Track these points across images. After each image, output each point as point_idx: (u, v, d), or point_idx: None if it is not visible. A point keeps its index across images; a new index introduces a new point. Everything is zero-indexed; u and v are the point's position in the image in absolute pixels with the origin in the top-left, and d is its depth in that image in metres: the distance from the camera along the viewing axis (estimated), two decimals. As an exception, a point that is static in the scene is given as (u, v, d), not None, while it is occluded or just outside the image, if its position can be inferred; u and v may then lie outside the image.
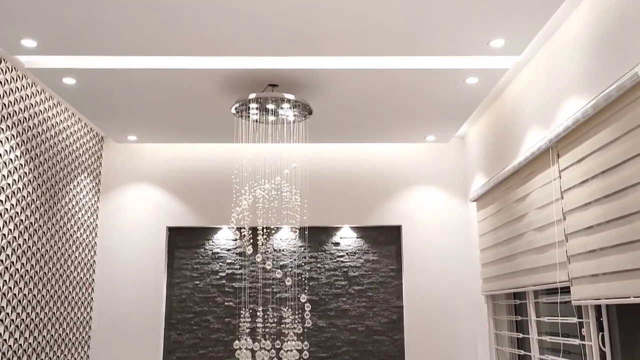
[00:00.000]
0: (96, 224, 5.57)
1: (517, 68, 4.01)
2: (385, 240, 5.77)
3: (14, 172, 4.04)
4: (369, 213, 5.71)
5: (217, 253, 5.72)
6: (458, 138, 5.79)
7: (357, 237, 5.76)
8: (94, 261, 5.52)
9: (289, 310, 4.33)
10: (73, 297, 5.03)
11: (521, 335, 4.36)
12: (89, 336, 5.40)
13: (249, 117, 4.27)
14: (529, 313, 4.07)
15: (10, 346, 4.00)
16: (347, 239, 5.76)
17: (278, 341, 4.26)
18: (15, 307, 4.07)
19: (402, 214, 5.71)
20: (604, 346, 3.08)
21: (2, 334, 3.89)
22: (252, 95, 3.99)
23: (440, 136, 5.49)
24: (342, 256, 5.73)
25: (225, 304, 5.62)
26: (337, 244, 5.75)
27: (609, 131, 2.79)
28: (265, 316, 4.72)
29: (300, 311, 4.35)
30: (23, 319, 4.18)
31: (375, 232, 5.78)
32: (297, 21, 3.29)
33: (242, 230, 4.29)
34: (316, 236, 5.72)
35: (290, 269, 5.60)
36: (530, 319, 4.04)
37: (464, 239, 5.60)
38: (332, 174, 5.75)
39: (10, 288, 4.00)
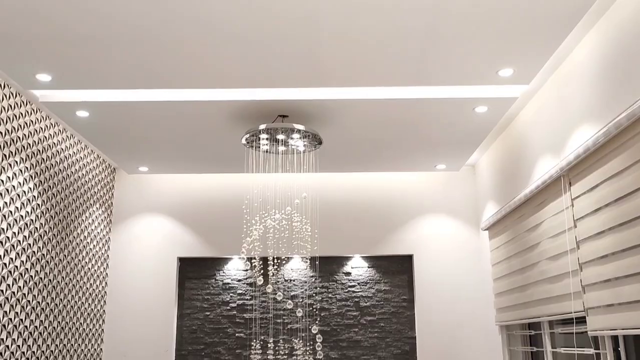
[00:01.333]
0: (107, 255, 5.58)
1: (527, 96, 4.02)
2: (396, 269, 5.72)
3: (27, 204, 4.08)
4: (380, 242, 5.68)
5: (228, 283, 5.70)
6: (469, 166, 5.78)
7: (368, 267, 5.72)
8: (105, 292, 5.52)
9: (300, 341, 4.28)
10: (84, 329, 5.02)
11: (537, 367, 4.27)
12: (99, 368, 5.36)
13: (259, 147, 4.30)
14: (544, 344, 3.99)
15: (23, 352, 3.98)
16: (358, 268, 5.72)
17: (289, 373, 4.20)
18: (27, 339, 4.06)
19: (414, 243, 5.67)
20: (623, 379, 3.01)
21: (16, 339, 3.88)
22: (262, 126, 4.02)
23: (450, 165, 5.48)
24: (353, 286, 5.68)
25: (236, 334, 5.58)
26: (349, 273, 5.71)
27: (620, 159, 2.77)
28: (277, 347, 4.67)
29: (311, 342, 4.29)
30: (34, 351, 4.16)
31: (387, 262, 5.74)
32: (306, 52, 3.33)
33: (252, 261, 4.27)
34: (327, 266, 5.68)
35: (301, 299, 5.55)
36: (545, 350, 3.96)
37: (477, 267, 5.54)
38: (343, 204, 5.74)
39: (21, 320, 4.00)
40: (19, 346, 3.96)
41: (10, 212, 3.87)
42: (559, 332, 3.87)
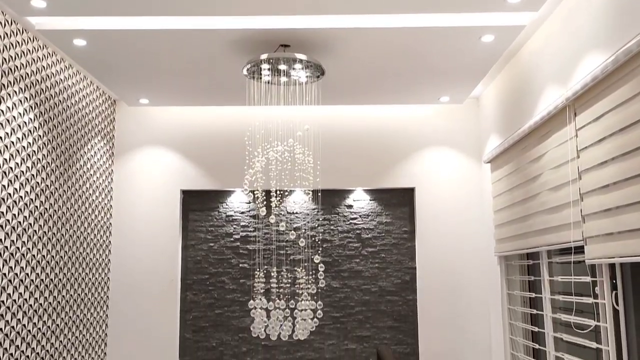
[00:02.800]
0: (111, 187, 5.62)
1: (534, 25, 3.91)
2: (398, 202, 5.77)
3: (28, 135, 4.07)
4: (383, 175, 5.70)
5: (231, 216, 5.77)
6: (472, 99, 5.71)
7: (370, 200, 5.77)
8: (110, 223, 5.59)
9: (303, 270, 4.37)
10: (91, 259, 5.12)
11: (534, 295, 4.37)
12: (108, 296, 5.51)
13: (260, 78, 4.23)
14: (542, 273, 4.07)
15: (30, 305, 4.09)
16: (360, 201, 5.76)
17: (292, 301, 4.31)
18: (35, 267, 4.15)
19: (416, 176, 5.69)
20: (617, 304, 3.09)
21: (23, 294, 3.98)
22: (263, 56, 3.94)
23: (454, 97, 5.42)
24: (355, 218, 5.75)
25: (240, 265, 5.69)
26: (350, 206, 5.76)
27: (628, 87, 2.73)
28: (280, 277, 4.78)
29: (314, 272, 4.39)
30: (42, 279, 4.27)
31: (389, 195, 5.78)
32: (309, -22, 3.22)
33: (255, 193, 4.30)
34: (329, 199, 5.73)
35: (303, 232, 5.63)
36: (543, 279, 4.04)
37: (478, 200, 5.59)
38: (345, 136, 5.72)
39: (29, 249, 4.07)
40: (27, 274, 4.05)
41: (12, 142, 3.86)
42: (556, 262, 3.94)
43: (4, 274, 3.76)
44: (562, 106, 3.42)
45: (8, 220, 3.81)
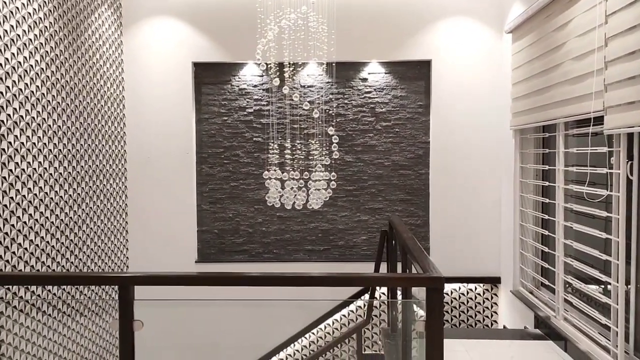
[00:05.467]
0: (121, 59, 5.52)
1: None
2: (414, 75, 5.64)
3: (33, 1, 3.92)
4: (398, 47, 5.52)
5: (244, 89, 5.70)
6: (497, -36, 5.37)
7: (385, 73, 5.64)
8: (123, 96, 5.57)
9: (317, 143, 4.39)
10: (106, 131, 5.16)
11: (547, 167, 4.39)
12: (125, 168, 5.62)
13: (272, -62, 3.97)
14: (557, 145, 4.05)
15: (51, 174, 4.19)
16: (375, 74, 5.64)
17: (306, 172, 4.37)
18: (52, 137, 4.20)
19: (433, 48, 5.51)
20: (631, 174, 3.09)
21: (42, 163, 4.07)
22: None
23: (478, -38, 5.09)
24: (369, 92, 5.66)
25: (254, 139, 5.72)
26: (365, 79, 5.65)
27: (670, -59, 2.52)
28: (294, 147, 4.81)
29: (327, 145, 4.40)
30: (60, 150, 4.33)
31: (404, 68, 5.63)
32: None
33: (268, 64, 4.20)
34: (343, 72, 5.61)
35: (317, 105, 5.58)
36: (558, 151, 4.03)
37: (496, 73, 5.44)
38: (360, 5, 5.47)
39: (44, 119, 4.09)
40: (45, 144, 4.10)
41: (17, 8, 3.74)
42: (573, 134, 3.90)
43: (22, 143, 3.81)
44: (594, -33, 3.20)
45: (21, 90, 3.79)
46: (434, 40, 5.50)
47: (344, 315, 5.70)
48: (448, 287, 5.55)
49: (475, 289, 5.58)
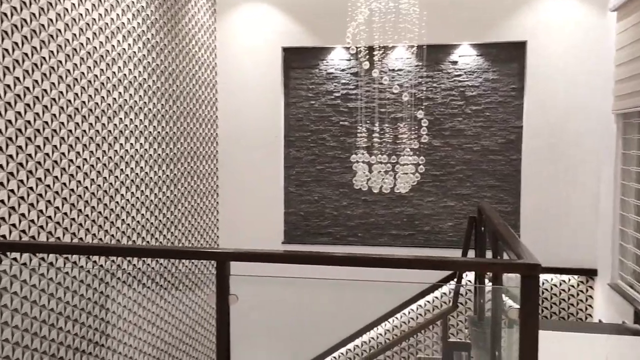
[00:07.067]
0: (215, 45, 5.71)
1: None
2: (507, 57, 5.44)
3: (136, -10, 4.13)
4: (491, 28, 5.34)
5: (332, 73, 5.73)
6: (602, -63, 5.04)
7: (477, 55, 5.47)
8: (216, 81, 5.76)
9: (405, 126, 4.34)
10: (200, 114, 5.37)
11: (653, 155, 4.11)
12: (217, 150, 5.84)
13: None
14: (666, 131, 3.78)
15: (150, 155, 4.43)
16: (465, 57, 5.49)
17: (394, 156, 4.34)
18: (152, 120, 4.43)
19: (529, 28, 5.28)
20: None
21: (143, 144, 4.30)
22: None
23: None
24: (459, 75, 5.52)
25: (341, 123, 5.75)
26: (455, 62, 5.52)
27: None
28: (382, 131, 4.79)
29: (416, 128, 4.35)
30: (159, 132, 4.56)
31: (497, 49, 5.44)
32: None
33: (358, 47, 4.20)
34: (433, 55, 5.50)
35: (406, 89, 5.52)
36: (666, 137, 3.76)
37: (596, 54, 5.12)
38: (452, -14, 5.34)
39: (145, 103, 4.32)
40: (146, 126, 4.34)
41: (122, -3, 3.96)
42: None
43: (126, 125, 4.05)
44: None
45: (125, 75, 4.01)
46: (530, 20, 5.27)
47: (428, 302, 5.66)
48: (540, 278, 5.36)
49: (569, 280, 5.36)
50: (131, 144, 4.12)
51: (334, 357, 5.81)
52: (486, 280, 3.73)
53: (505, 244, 2.75)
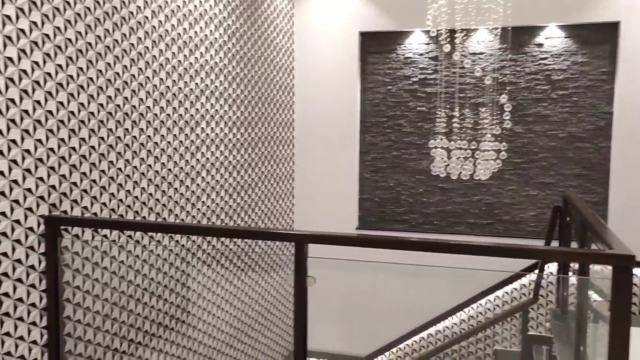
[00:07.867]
0: (293, 31, 5.75)
1: None
2: (598, 39, 5.13)
3: (218, -23, 4.22)
4: (581, 8, 5.05)
5: (409, 58, 5.63)
6: None
7: (564, 37, 5.20)
8: (293, 67, 5.80)
9: (487, 111, 4.20)
10: (278, 100, 5.43)
11: None
12: (293, 135, 5.89)
13: None
14: None
15: (230, 139, 4.54)
16: (552, 39, 5.23)
17: (474, 142, 4.22)
18: (231, 105, 4.53)
19: (623, 8, 4.96)
20: None
21: (223, 128, 4.41)
22: None
23: None
24: (545, 58, 5.27)
25: (418, 108, 5.65)
26: (541, 45, 5.27)
27: None
28: (462, 116, 4.67)
29: (498, 114, 4.19)
30: (238, 116, 4.66)
31: (587, 31, 5.15)
32: None
33: (438, 30, 4.09)
34: (517, 37, 5.27)
35: (487, 73, 5.33)
36: None
37: (701, 34, 4.75)
38: (539, -36, 5.09)
39: (225, 88, 4.42)
40: (225, 110, 4.44)
41: (205, -16, 4.05)
42: None
43: (207, 110, 4.15)
44: None
45: (206, 60, 4.12)
46: (624, 0, 4.95)
47: (507, 293, 5.49)
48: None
49: (661, 276, 5.02)
50: (212, 128, 4.23)
51: (407, 345, 5.77)
52: (570, 273, 3.57)
53: (595, 234, 2.61)
